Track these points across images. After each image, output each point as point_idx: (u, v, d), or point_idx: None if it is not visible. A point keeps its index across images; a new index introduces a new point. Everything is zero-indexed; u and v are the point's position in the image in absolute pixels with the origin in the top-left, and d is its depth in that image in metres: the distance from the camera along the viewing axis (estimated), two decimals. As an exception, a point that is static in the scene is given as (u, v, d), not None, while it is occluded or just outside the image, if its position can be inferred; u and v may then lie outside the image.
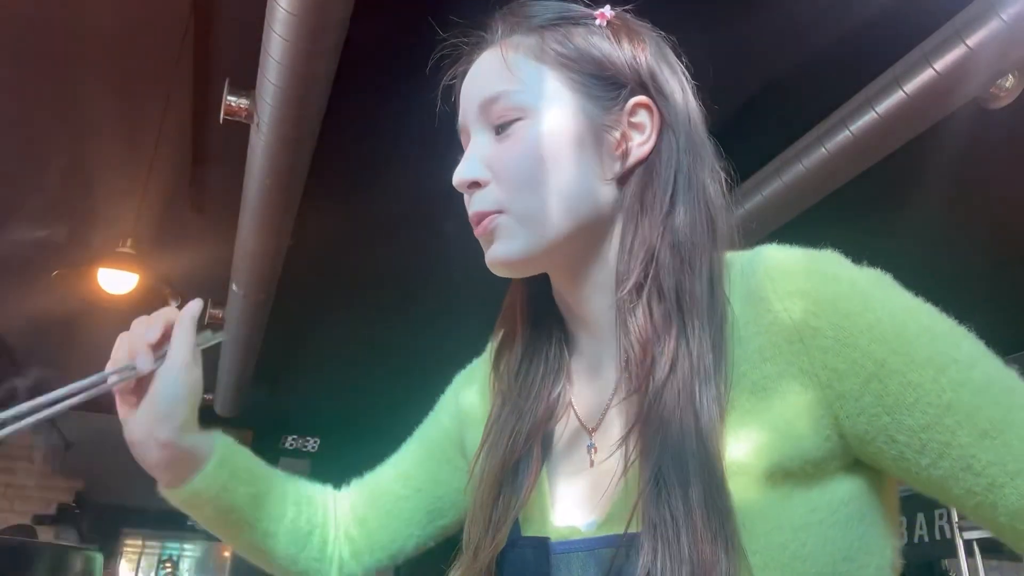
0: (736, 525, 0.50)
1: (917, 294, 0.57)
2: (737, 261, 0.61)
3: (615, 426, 0.61)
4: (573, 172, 0.62)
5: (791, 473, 0.53)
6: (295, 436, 7.14)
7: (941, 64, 2.14)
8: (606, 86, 0.64)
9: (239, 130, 2.53)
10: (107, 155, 3.15)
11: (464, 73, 0.70)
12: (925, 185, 3.01)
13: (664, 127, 0.64)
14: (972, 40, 2.05)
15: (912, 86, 2.23)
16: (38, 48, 2.61)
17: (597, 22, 0.67)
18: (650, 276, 0.59)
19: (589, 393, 0.66)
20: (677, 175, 0.63)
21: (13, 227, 3.78)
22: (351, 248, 3.85)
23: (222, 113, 2.45)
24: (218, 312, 4.25)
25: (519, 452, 0.63)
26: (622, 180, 0.64)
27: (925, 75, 2.19)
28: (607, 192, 0.63)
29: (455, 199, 0.68)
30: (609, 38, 0.66)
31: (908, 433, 0.52)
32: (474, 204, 0.64)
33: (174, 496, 0.72)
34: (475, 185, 0.64)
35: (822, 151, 2.56)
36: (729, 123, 2.70)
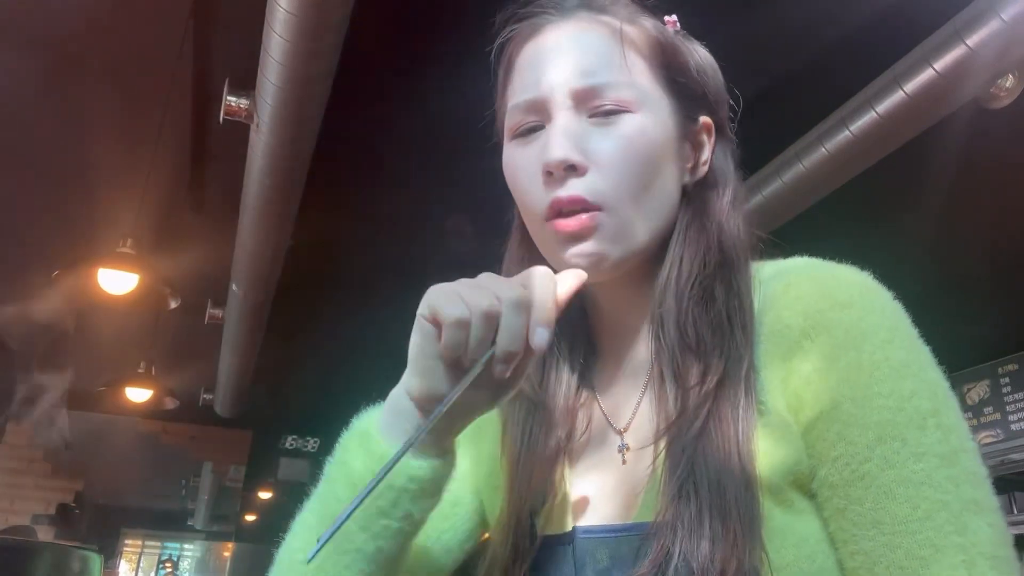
0: (761, 532, 0.50)
1: (917, 293, 0.57)
2: (761, 271, 0.62)
3: (647, 426, 0.61)
4: (665, 177, 0.62)
5: (803, 485, 0.53)
6: (295, 436, 7.14)
7: (941, 64, 2.14)
8: (692, 97, 0.65)
9: (239, 130, 2.53)
10: (107, 155, 3.15)
11: (523, 38, 0.65)
12: (925, 185, 3.01)
13: (717, 148, 0.66)
14: (972, 40, 2.05)
15: (912, 86, 2.23)
16: (38, 48, 2.61)
17: (670, 28, 0.66)
18: (695, 285, 0.59)
19: (615, 393, 0.66)
20: (734, 199, 0.64)
21: (13, 227, 3.78)
22: (351, 248, 3.85)
23: (222, 113, 2.45)
24: (218, 312, 4.25)
25: (550, 465, 0.63)
26: (683, 193, 0.64)
27: (925, 75, 2.19)
28: (678, 202, 0.64)
29: (456, 198, 0.68)
30: (692, 50, 0.66)
31: (819, 481, 0.52)
32: (570, 188, 0.59)
33: (442, 464, 0.57)
34: (571, 168, 0.59)
35: (822, 151, 2.56)
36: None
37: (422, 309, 0.52)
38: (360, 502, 0.47)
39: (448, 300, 0.50)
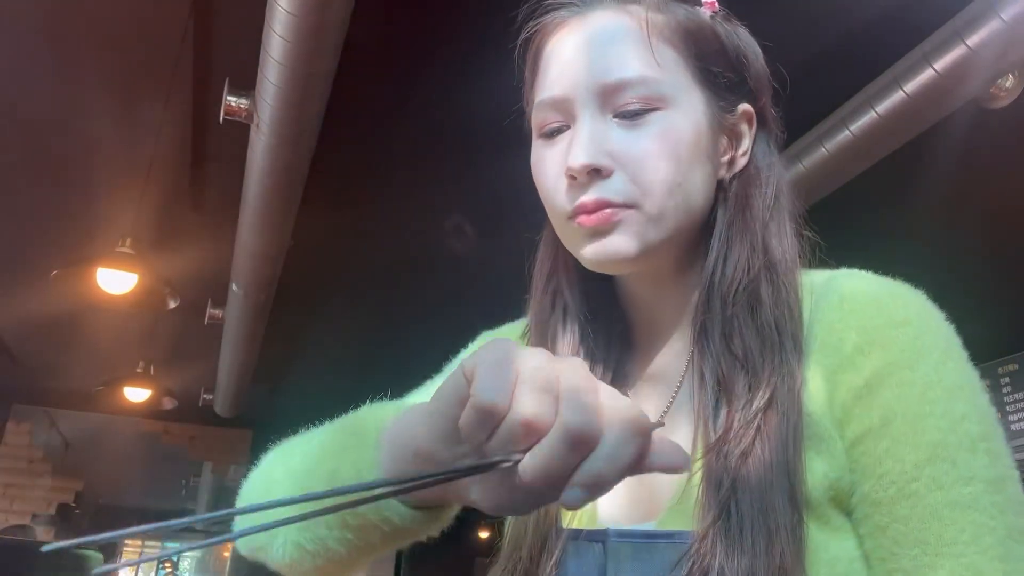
0: (804, 552, 0.50)
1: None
2: (812, 279, 0.60)
3: (680, 426, 0.60)
4: (697, 174, 0.59)
5: (841, 502, 0.53)
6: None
7: (941, 64, 2.14)
8: (729, 86, 0.62)
9: (239, 130, 2.53)
10: (107, 155, 3.15)
11: (548, 31, 0.63)
12: (925, 185, 3.01)
13: (759, 138, 0.63)
14: (972, 40, 2.05)
15: (912, 86, 2.23)
16: (38, 47, 2.61)
17: (707, 11, 0.63)
18: (740, 290, 0.58)
19: (646, 389, 0.64)
20: (779, 194, 0.62)
21: (12, 227, 3.78)
22: (351, 248, 3.85)
23: (222, 113, 2.45)
24: (218, 312, 4.25)
25: None
26: (720, 187, 0.62)
27: (925, 75, 2.19)
28: (711, 197, 0.61)
29: (456, 198, 0.67)
30: (731, 34, 0.63)
31: (860, 497, 0.52)
32: (594, 191, 0.57)
33: (425, 516, 0.51)
34: (595, 172, 0.57)
35: (822, 151, 2.56)
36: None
37: (468, 362, 0.38)
38: (297, 520, 0.37)
39: (492, 376, 0.36)
